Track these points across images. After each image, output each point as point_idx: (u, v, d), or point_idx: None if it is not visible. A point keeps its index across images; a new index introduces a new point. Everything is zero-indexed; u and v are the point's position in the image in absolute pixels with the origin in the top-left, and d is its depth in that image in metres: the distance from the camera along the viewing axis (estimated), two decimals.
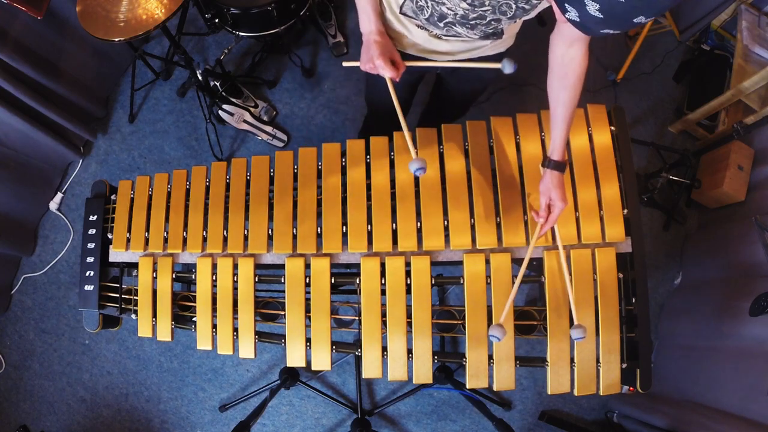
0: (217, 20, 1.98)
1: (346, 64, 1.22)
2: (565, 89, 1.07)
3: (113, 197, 1.44)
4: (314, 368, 1.25)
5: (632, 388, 1.24)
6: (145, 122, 2.42)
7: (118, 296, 1.38)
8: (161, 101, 2.44)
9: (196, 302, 1.31)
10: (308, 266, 1.25)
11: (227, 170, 1.38)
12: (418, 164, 1.01)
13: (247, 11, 1.85)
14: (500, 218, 1.23)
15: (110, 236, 1.41)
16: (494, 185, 1.27)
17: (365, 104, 1.76)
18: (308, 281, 1.24)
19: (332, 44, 2.41)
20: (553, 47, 1.06)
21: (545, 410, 2.03)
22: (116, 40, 1.61)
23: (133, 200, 1.41)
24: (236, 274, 1.28)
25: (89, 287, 1.38)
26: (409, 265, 1.23)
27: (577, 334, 1.10)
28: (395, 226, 1.24)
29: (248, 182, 1.35)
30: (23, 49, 1.89)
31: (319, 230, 1.25)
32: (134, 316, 1.36)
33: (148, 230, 1.37)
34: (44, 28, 1.96)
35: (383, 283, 1.22)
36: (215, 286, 1.29)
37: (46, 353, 2.18)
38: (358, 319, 1.24)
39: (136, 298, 1.36)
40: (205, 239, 1.32)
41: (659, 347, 2.04)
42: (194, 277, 1.31)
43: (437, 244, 1.23)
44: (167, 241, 1.34)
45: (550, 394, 1.22)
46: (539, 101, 1.22)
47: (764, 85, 1.94)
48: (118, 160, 2.38)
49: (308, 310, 1.24)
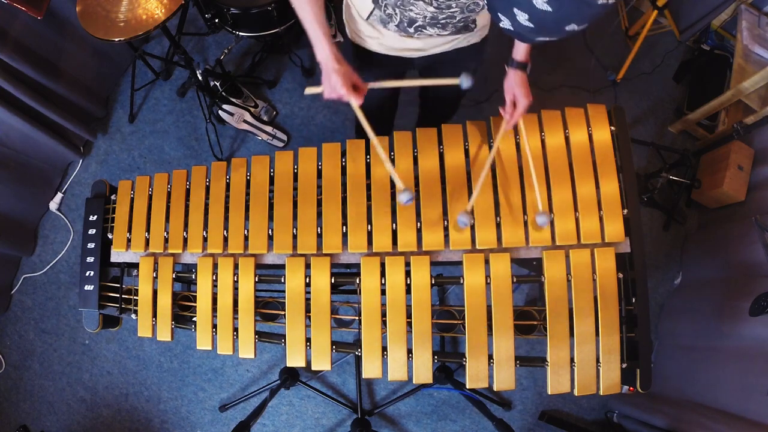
0: (217, 20, 1.98)
1: (308, 91, 1.18)
2: None
3: (113, 197, 1.44)
4: (314, 368, 1.25)
5: (632, 388, 1.24)
6: (145, 122, 2.42)
7: (118, 296, 1.38)
8: (161, 101, 2.44)
9: (196, 302, 1.31)
10: (308, 266, 1.25)
11: (227, 170, 1.38)
12: (407, 196, 1.10)
13: (247, 11, 1.85)
14: (500, 218, 1.23)
15: (110, 236, 1.41)
16: (494, 185, 1.27)
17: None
18: (308, 281, 1.24)
19: None
20: None
21: (545, 410, 2.03)
22: (116, 40, 1.61)
23: (133, 200, 1.41)
24: (236, 274, 1.28)
25: (89, 287, 1.38)
26: (409, 265, 1.23)
27: (541, 219, 1.16)
28: (395, 226, 1.24)
29: (248, 182, 1.35)
30: (23, 49, 1.89)
31: (319, 230, 1.25)
32: (134, 316, 1.36)
33: (148, 230, 1.37)
34: (44, 28, 1.96)
35: (383, 283, 1.22)
36: (215, 286, 1.29)
37: (46, 353, 2.18)
38: (358, 319, 1.24)
39: (136, 298, 1.36)
40: (205, 239, 1.32)
41: (659, 347, 2.04)
42: (194, 277, 1.31)
43: (437, 244, 1.23)
44: (168, 241, 1.34)
45: (550, 394, 1.22)
46: (539, 101, 1.22)
47: (764, 85, 1.94)
48: (118, 160, 2.38)
49: (308, 309, 1.24)
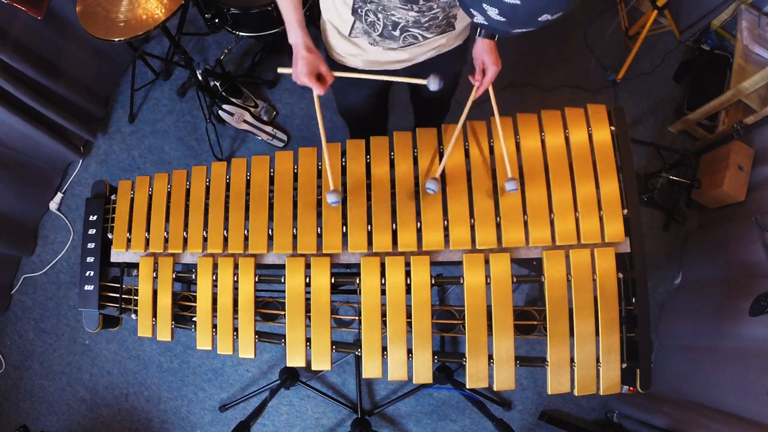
0: (217, 20, 1.98)
1: (281, 70, 1.21)
2: None
3: (113, 197, 1.44)
4: (314, 368, 1.25)
5: (632, 388, 1.24)
6: (145, 122, 2.42)
7: (118, 296, 1.38)
8: (161, 101, 2.44)
9: (196, 302, 1.31)
10: (308, 266, 1.25)
11: (227, 170, 1.38)
12: (334, 197, 1.13)
13: (247, 11, 1.85)
14: (500, 218, 1.23)
15: (110, 236, 1.41)
16: (494, 185, 1.27)
17: (343, 120, 1.78)
18: (308, 281, 1.24)
19: None
20: None
21: (545, 410, 2.03)
22: (116, 40, 1.61)
23: (133, 200, 1.41)
24: (236, 274, 1.28)
25: (89, 287, 1.38)
26: (409, 265, 1.23)
27: (510, 185, 1.17)
28: (395, 226, 1.24)
29: (248, 182, 1.35)
30: (23, 49, 1.89)
31: (319, 230, 1.25)
32: (134, 316, 1.36)
33: (148, 230, 1.37)
34: (44, 28, 1.96)
35: (383, 283, 1.22)
36: (215, 286, 1.29)
37: (46, 353, 2.18)
38: (358, 319, 1.24)
39: (136, 298, 1.36)
40: (205, 239, 1.32)
41: (659, 347, 2.04)
42: (194, 277, 1.31)
43: (437, 244, 1.23)
44: (168, 241, 1.34)
45: (550, 394, 1.22)
46: (539, 101, 1.22)
47: (764, 85, 1.94)
48: (118, 160, 2.38)
49: (308, 309, 1.24)
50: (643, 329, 1.22)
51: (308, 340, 1.24)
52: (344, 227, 1.25)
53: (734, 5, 2.19)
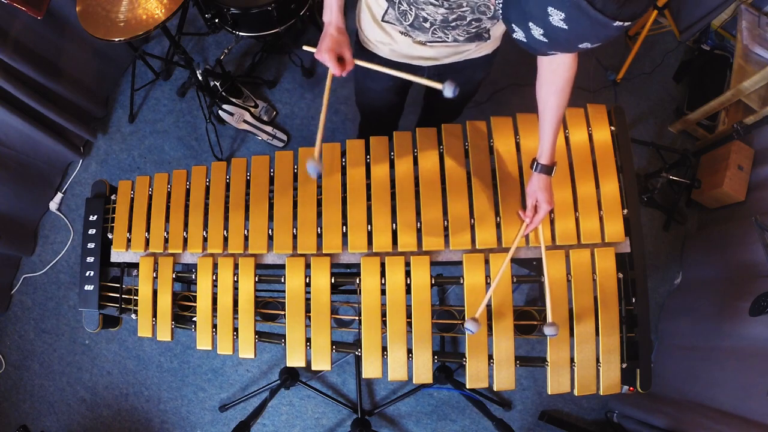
0: (217, 20, 1.98)
1: (306, 47, 1.21)
2: (553, 94, 1.08)
3: (113, 197, 1.44)
4: (314, 368, 1.25)
5: (632, 388, 1.24)
6: (145, 122, 2.42)
7: (118, 296, 1.38)
8: (161, 101, 2.44)
9: (196, 302, 1.31)
10: (308, 266, 1.25)
11: (227, 170, 1.38)
12: (314, 166, 1.08)
13: (247, 11, 1.85)
14: (500, 218, 1.23)
15: (110, 236, 1.41)
16: (494, 185, 1.27)
17: (357, 110, 1.76)
18: (308, 281, 1.24)
19: None
20: None
21: (545, 410, 2.03)
22: (116, 40, 1.61)
23: (133, 200, 1.41)
24: (236, 274, 1.28)
25: (89, 287, 1.38)
26: (409, 265, 1.23)
27: (549, 330, 1.13)
28: (395, 226, 1.24)
29: (248, 182, 1.35)
30: (23, 49, 1.89)
31: (319, 230, 1.25)
32: (134, 316, 1.36)
33: (148, 230, 1.37)
34: (44, 28, 1.96)
35: (383, 283, 1.22)
36: (215, 286, 1.29)
37: (46, 353, 2.18)
38: (358, 319, 1.24)
39: (136, 298, 1.36)
40: (205, 239, 1.32)
41: (659, 347, 2.04)
42: (194, 277, 1.31)
43: (437, 244, 1.23)
44: (168, 241, 1.34)
45: (550, 394, 1.22)
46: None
47: (764, 85, 1.94)
48: (118, 160, 2.38)
49: (308, 309, 1.24)
50: (643, 329, 1.22)
51: (308, 340, 1.24)
52: (344, 227, 1.25)
53: (734, 5, 2.19)
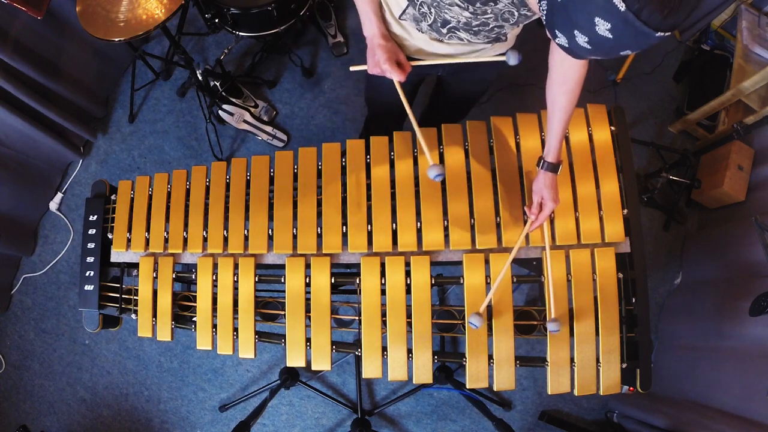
0: (217, 20, 1.98)
1: (353, 68, 1.21)
2: (563, 94, 1.08)
3: (113, 197, 1.44)
4: (314, 368, 1.25)
5: (632, 388, 1.24)
6: (145, 122, 2.42)
7: (118, 296, 1.38)
8: (161, 101, 2.44)
9: (196, 302, 1.31)
10: (308, 266, 1.25)
11: (227, 170, 1.38)
12: (436, 171, 1.02)
13: (247, 11, 1.85)
14: (500, 218, 1.23)
15: (110, 236, 1.41)
16: (494, 185, 1.27)
17: (366, 105, 1.76)
18: (308, 281, 1.24)
19: (332, 44, 2.41)
20: (552, 52, 1.06)
21: (545, 410, 2.03)
22: (116, 40, 1.61)
23: (133, 200, 1.41)
24: (236, 274, 1.28)
25: (89, 287, 1.38)
26: (409, 265, 1.23)
27: (552, 326, 1.12)
28: (395, 226, 1.24)
29: (248, 182, 1.35)
30: (23, 49, 1.89)
31: (319, 230, 1.25)
32: (134, 316, 1.36)
33: (148, 230, 1.37)
34: (44, 28, 1.96)
35: (383, 283, 1.22)
36: (215, 286, 1.29)
37: (46, 353, 2.18)
38: (358, 319, 1.24)
39: (136, 298, 1.36)
40: (205, 239, 1.32)
41: (659, 347, 2.04)
42: (194, 277, 1.31)
43: (437, 244, 1.23)
44: (168, 241, 1.35)
45: (550, 394, 1.22)
46: (539, 101, 1.22)
47: (764, 85, 1.94)
48: (118, 160, 2.38)
49: (308, 309, 1.24)
50: (643, 329, 1.22)
51: (308, 340, 1.24)
52: (344, 227, 1.25)
53: (734, 5, 2.19)
